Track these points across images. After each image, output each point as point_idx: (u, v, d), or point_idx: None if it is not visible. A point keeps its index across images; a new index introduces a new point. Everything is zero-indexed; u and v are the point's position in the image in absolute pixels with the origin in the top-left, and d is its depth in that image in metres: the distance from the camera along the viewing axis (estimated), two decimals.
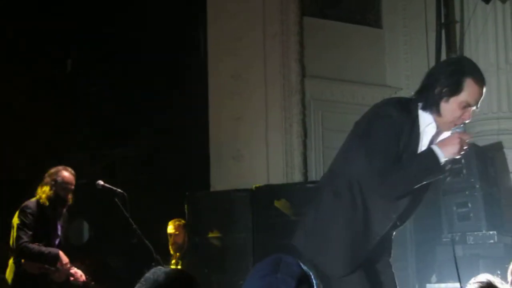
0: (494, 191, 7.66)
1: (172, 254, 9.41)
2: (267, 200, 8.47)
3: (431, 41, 9.29)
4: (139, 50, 10.54)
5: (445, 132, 4.38)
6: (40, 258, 7.22)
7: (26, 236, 7.21)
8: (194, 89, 10.34)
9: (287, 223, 8.14)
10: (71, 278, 7.41)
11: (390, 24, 10.40)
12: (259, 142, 9.75)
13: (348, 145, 4.52)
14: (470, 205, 7.32)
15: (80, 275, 7.46)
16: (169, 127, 10.48)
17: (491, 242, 7.16)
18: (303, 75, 9.92)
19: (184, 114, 10.37)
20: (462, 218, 7.37)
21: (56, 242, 7.44)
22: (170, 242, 9.55)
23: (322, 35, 10.08)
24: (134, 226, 7.13)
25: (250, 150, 9.76)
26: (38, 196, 7.40)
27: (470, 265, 6.80)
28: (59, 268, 7.26)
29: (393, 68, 10.09)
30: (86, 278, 7.50)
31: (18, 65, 10.29)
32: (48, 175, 7.46)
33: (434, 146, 4.28)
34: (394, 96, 8.74)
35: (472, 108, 4.35)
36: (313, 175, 9.69)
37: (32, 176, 9.83)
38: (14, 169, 10.28)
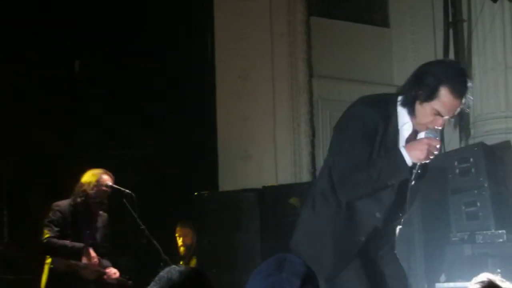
0: (502, 190, 7.64)
1: (180, 255, 9.42)
2: (275, 200, 8.48)
3: (439, 40, 9.28)
4: (146, 51, 10.54)
5: (421, 132, 4.31)
6: (63, 251, 7.20)
7: (51, 232, 7.20)
8: (202, 89, 10.34)
9: (295, 223, 8.14)
10: (104, 276, 7.39)
11: (397, 23, 10.38)
12: (267, 142, 9.75)
13: (330, 146, 4.57)
14: (478, 204, 7.31)
15: (113, 273, 7.43)
16: (177, 128, 10.48)
17: (500, 241, 7.14)
18: (311, 75, 9.92)
19: (192, 115, 10.37)
20: (470, 217, 7.36)
21: (88, 242, 7.40)
22: (179, 243, 9.57)
23: (329, 35, 10.07)
24: (143, 227, 7.14)
25: (258, 150, 9.76)
26: (74, 195, 7.40)
27: (479, 264, 6.79)
28: (87, 263, 7.24)
29: (400, 67, 10.06)
30: (121, 277, 7.47)
31: (24, 65, 10.30)
32: (87, 176, 7.45)
33: (402, 148, 4.23)
34: None
35: (444, 117, 4.22)
36: None
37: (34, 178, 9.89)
38: (16, 171, 10.29)
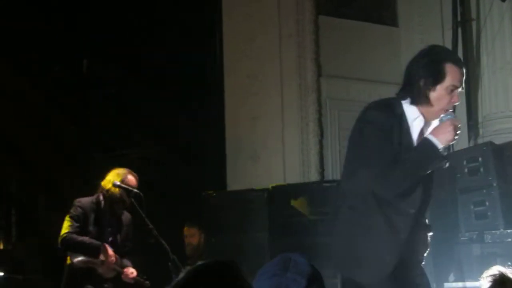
0: (511, 190, 7.61)
1: (188, 255, 9.42)
2: (284, 199, 8.46)
3: (447, 39, 9.25)
4: (155, 51, 10.55)
5: (433, 122, 4.48)
6: (81, 248, 7.19)
7: (71, 227, 7.19)
8: (211, 89, 10.34)
9: (304, 223, 8.13)
10: (122, 275, 7.38)
11: (406, 22, 10.36)
12: (276, 141, 9.75)
13: (348, 159, 4.62)
14: (487, 203, 7.28)
15: (131, 272, 7.43)
16: (185, 128, 10.49)
17: (509, 240, 7.10)
18: (319, 74, 9.91)
19: (200, 115, 10.38)
20: (479, 216, 7.33)
21: (108, 240, 7.40)
22: (186, 242, 9.57)
23: (337, 34, 10.06)
24: (151, 226, 7.13)
25: (267, 150, 9.75)
26: (98, 192, 7.40)
27: (487, 264, 6.75)
28: (104, 261, 7.23)
29: None
30: (138, 277, 7.46)
31: (29, 65, 10.32)
32: (114, 174, 7.45)
33: (429, 135, 4.38)
34: None
35: (458, 90, 4.44)
36: (329, 174, 9.68)
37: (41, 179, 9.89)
38: (24, 172, 10.32)
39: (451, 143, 4.46)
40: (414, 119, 4.44)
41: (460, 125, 4.44)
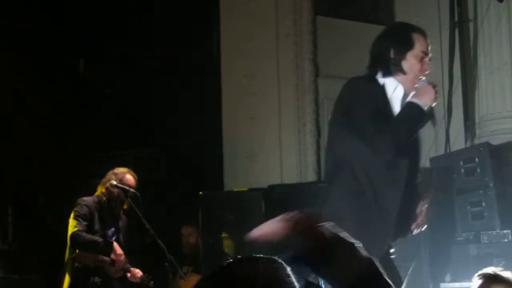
0: (508, 190, 7.61)
1: (185, 255, 9.42)
2: (281, 199, 8.46)
3: (445, 39, 9.25)
4: (152, 50, 10.55)
5: (411, 93, 4.57)
6: (93, 246, 7.14)
7: (80, 225, 7.14)
8: (208, 89, 10.34)
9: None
10: (128, 274, 7.37)
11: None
12: (273, 141, 9.75)
13: (333, 132, 4.75)
14: (484, 204, 7.29)
15: (137, 272, 7.42)
16: (182, 127, 10.48)
17: (505, 241, 7.12)
18: (317, 75, 9.91)
19: (197, 114, 10.38)
20: (476, 217, 7.34)
21: (112, 240, 7.37)
22: (183, 242, 9.57)
23: (335, 34, 10.06)
24: (148, 226, 7.13)
25: (264, 150, 9.76)
26: (98, 192, 7.38)
27: (484, 264, 6.76)
28: (114, 260, 7.21)
29: None
30: (143, 276, 7.45)
31: (30, 64, 10.32)
32: (113, 174, 7.43)
33: (412, 99, 4.50)
34: None
35: (427, 58, 4.59)
36: None
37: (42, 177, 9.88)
38: (21, 171, 10.31)
39: (433, 104, 4.54)
40: (394, 90, 4.57)
41: (437, 86, 4.58)
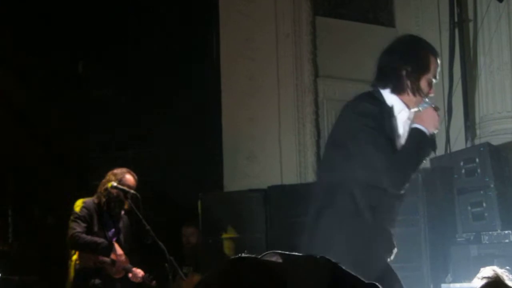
0: (509, 191, 7.62)
1: (186, 255, 9.42)
2: (281, 200, 8.46)
3: (444, 40, 9.25)
4: (152, 52, 10.54)
5: (412, 109, 4.47)
6: (92, 247, 7.13)
7: (79, 227, 7.13)
8: (207, 89, 10.33)
9: (302, 224, 8.12)
10: (130, 274, 7.35)
11: (403, 23, 10.36)
12: (273, 142, 9.74)
13: (333, 155, 4.53)
14: (484, 204, 7.28)
15: (139, 272, 7.40)
16: (182, 128, 10.48)
17: (506, 241, 7.11)
18: (316, 75, 9.91)
19: (197, 115, 10.37)
20: (476, 217, 7.33)
21: (113, 241, 7.35)
22: (184, 242, 9.57)
23: (334, 35, 10.06)
24: (148, 227, 7.12)
25: (264, 150, 9.75)
26: (98, 193, 7.36)
27: (485, 264, 6.74)
28: (114, 261, 7.19)
29: None
30: (145, 276, 7.43)
31: (30, 66, 10.31)
32: (112, 174, 7.41)
33: (417, 125, 4.38)
34: None
35: (434, 81, 4.48)
36: None
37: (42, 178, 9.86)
38: (21, 173, 10.30)
39: (436, 131, 4.47)
40: (400, 112, 4.42)
41: (439, 109, 4.48)
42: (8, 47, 10.09)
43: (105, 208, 7.34)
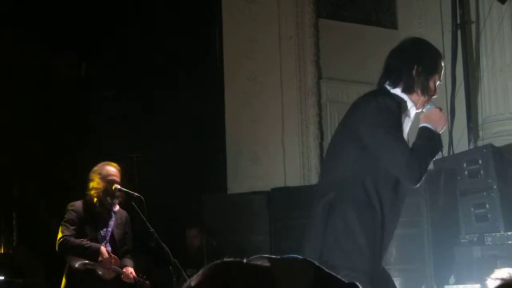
0: (511, 192, 7.62)
1: (189, 257, 9.42)
2: (284, 202, 8.47)
3: (447, 41, 9.25)
4: (155, 53, 10.56)
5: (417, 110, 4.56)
6: (79, 251, 7.14)
7: (67, 230, 7.12)
8: (211, 92, 10.35)
9: (305, 226, 8.13)
10: (121, 275, 7.35)
11: (405, 25, 10.37)
12: (276, 144, 9.75)
13: (347, 147, 4.52)
14: (487, 206, 7.28)
15: (130, 272, 7.40)
16: (185, 130, 10.49)
17: (509, 243, 7.11)
18: (319, 77, 9.92)
19: (200, 117, 10.38)
20: (479, 219, 7.34)
21: (106, 240, 7.35)
22: (187, 245, 9.58)
23: (337, 37, 10.07)
24: (152, 230, 7.12)
25: (267, 152, 9.76)
26: (87, 195, 7.34)
27: (488, 266, 6.77)
28: (102, 263, 7.19)
29: None
30: (137, 276, 7.42)
31: (31, 67, 10.33)
32: (91, 172, 7.40)
33: (427, 124, 4.44)
34: None
35: (438, 83, 4.56)
36: None
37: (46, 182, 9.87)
38: (25, 176, 10.32)
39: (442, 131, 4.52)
40: (410, 107, 4.50)
41: (442, 111, 4.55)
42: (8, 48, 10.11)
43: (94, 208, 7.32)
